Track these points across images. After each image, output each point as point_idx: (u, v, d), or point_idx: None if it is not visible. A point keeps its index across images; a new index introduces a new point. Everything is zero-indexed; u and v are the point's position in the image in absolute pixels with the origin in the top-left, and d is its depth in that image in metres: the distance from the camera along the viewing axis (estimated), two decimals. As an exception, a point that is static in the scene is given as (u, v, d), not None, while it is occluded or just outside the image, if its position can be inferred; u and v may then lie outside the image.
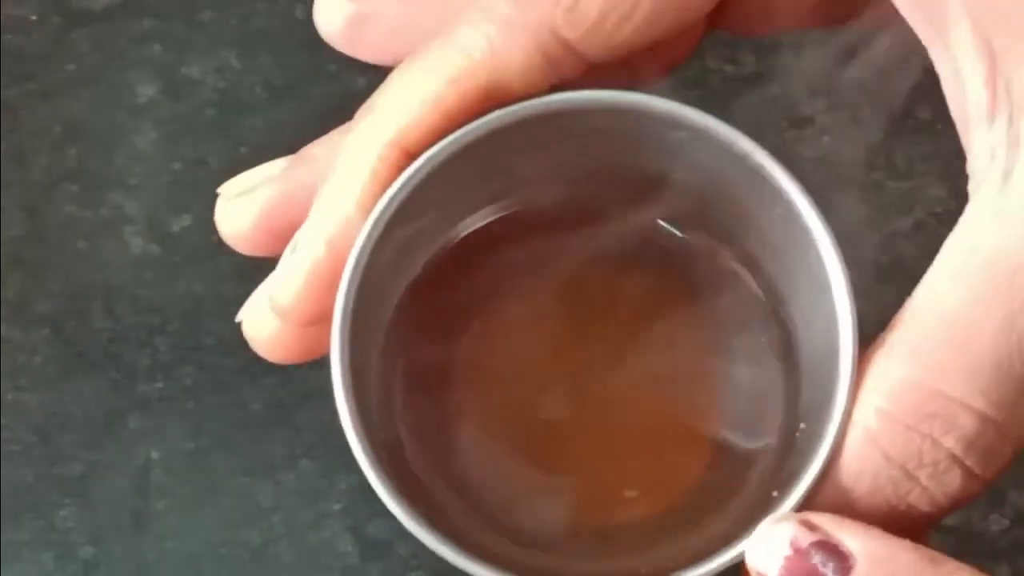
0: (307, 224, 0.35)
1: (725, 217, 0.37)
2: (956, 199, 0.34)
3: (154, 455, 0.53)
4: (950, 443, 0.32)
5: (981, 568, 0.33)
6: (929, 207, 0.56)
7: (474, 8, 0.35)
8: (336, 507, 0.53)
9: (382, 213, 0.34)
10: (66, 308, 0.55)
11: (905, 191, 0.56)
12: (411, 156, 0.34)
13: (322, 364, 0.38)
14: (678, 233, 0.38)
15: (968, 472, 0.32)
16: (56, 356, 0.55)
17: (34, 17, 0.60)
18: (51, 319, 0.55)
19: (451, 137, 0.35)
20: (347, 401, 0.34)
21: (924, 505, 0.33)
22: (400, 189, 0.34)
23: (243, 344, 0.54)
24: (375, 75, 0.63)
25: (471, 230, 0.38)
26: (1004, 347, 0.32)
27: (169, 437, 0.53)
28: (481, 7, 0.35)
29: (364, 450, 0.34)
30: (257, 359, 0.54)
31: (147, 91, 0.59)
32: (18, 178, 0.57)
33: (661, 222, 0.38)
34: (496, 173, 0.36)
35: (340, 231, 0.35)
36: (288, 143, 0.57)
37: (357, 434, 0.34)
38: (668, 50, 0.38)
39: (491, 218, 0.38)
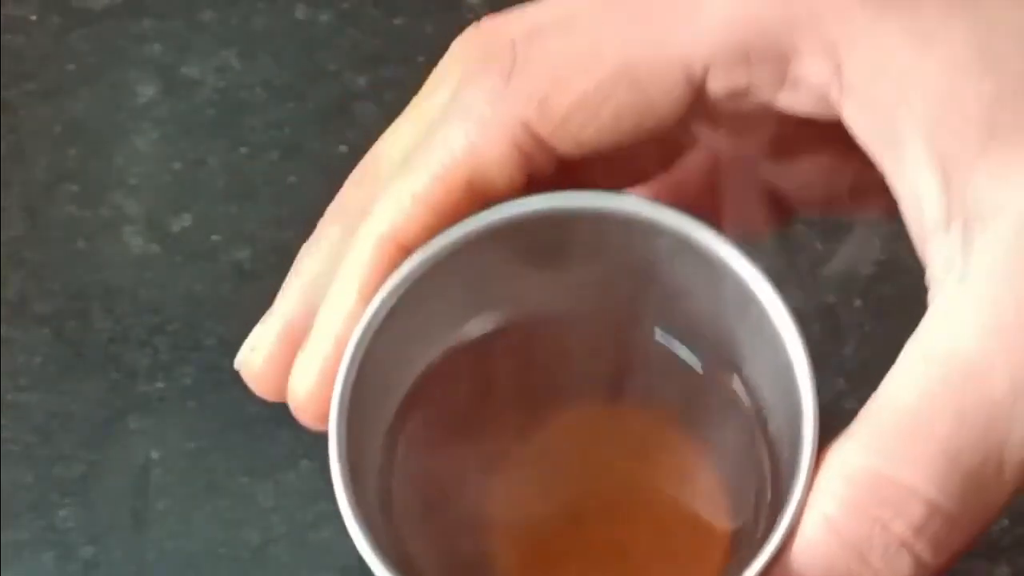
0: (315, 325, 0.37)
1: (704, 318, 0.39)
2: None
3: (154, 455, 0.53)
4: (900, 528, 0.34)
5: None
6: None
7: (455, 107, 0.37)
8: (335, 507, 0.52)
9: (379, 306, 0.36)
10: (66, 308, 0.55)
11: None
12: (407, 251, 0.37)
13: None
14: (665, 341, 0.39)
15: (917, 558, 0.34)
16: (56, 356, 0.55)
17: (34, 17, 0.61)
18: (51, 319, 0.55)
19: (442, 235, 0.36)
20: (346, 494, 0.35)
21: None
22: (400, 283, 0.36)
23: (242, 344, 0.54)
24: (375, 75, 0.63)
25: (469, 338, 0.39)
26: (955, 441, 0.34)
27: (169, 437, 0.53)
28: (461, 106, 0.37)
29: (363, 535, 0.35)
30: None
31: (147, 91, 0.59)
32: (18, 178, 0.58)
33: (652, 328, 0.40)
34: (488, 274, 0.38)
35: (346, 327, 0.36)
36: (288, 143, 0.57)
37: (358, 526, 0.35)
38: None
39: (491, 325, 0.39)
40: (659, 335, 0.39)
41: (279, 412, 0.52)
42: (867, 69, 0.35)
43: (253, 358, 0.39)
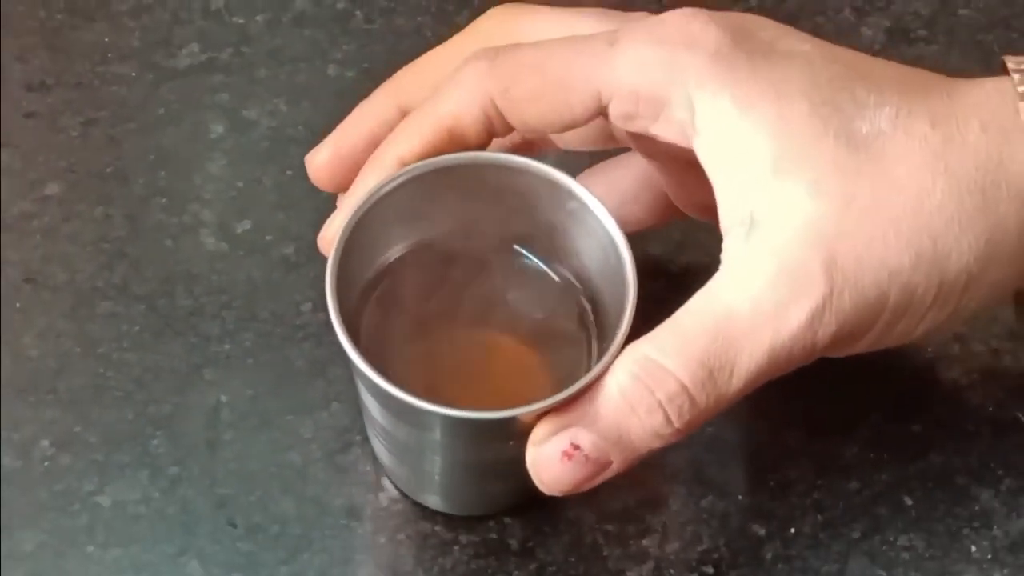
0: (347, 193, 0.50)
1: (560, 242, 0.50)
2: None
3: (223, 399, 0.57)
4: (660, 395, 0.43)
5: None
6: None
7: (454, 77, 0.48)
8: (358, 438, 0.56)
9: (363, 203, 0.48)
10: (157, 290, 0.59)
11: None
12: (404, 163, 0.48)
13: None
14: (533, 258, 0.51)
15: (666, 417, 0.44)
16: (150, 325, 0.58)
17: (133, 73, 0.64)
18: (146, 298, 0.59)
19: (417, 165, 0.48)
20: (335, 307, 0.46)
21: (638, 431, 0.44)
22: (373, 194, 0.48)
23: (289, 319, 0.60)
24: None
25: (413, 243, 0.51)
26: (707, 350, 0.43)
27: (234, 386, 0.57)
28: (458, 77, 0.47)
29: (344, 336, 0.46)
30: (300, 328, 0.60)
31: (217, 129, 0.63)
32: (122, 193, 0.61)
33: (522, 249, 0.51)
34: (434, 203, 0.49)
35: (357, 202, 0.48)
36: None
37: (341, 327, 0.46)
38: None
39: (425, 236, 0.51)
40: (517, 249, 0.51)
41: (316, 367, 0.58)
42: (708, 120, 0.44)
43: (319, 156, 0.50)
